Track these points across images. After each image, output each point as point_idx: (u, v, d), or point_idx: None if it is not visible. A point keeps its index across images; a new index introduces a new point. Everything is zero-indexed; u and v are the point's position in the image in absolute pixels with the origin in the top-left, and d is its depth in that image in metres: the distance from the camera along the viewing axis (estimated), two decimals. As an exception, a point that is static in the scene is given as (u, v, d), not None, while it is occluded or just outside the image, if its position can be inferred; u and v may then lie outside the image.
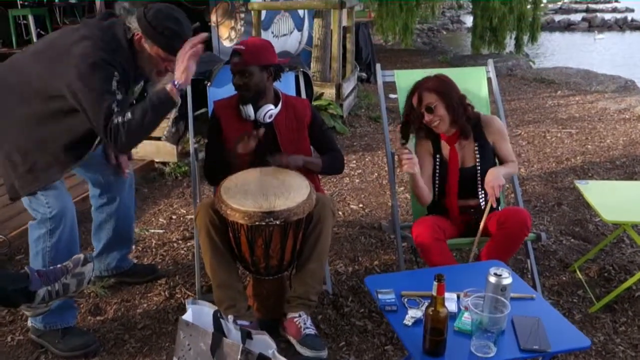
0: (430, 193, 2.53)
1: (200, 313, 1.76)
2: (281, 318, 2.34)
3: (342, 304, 2.64)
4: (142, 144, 4.39)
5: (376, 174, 4.48)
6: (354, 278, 2.88)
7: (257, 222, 2.10)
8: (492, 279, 1.73)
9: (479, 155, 2.52)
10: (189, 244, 3.23)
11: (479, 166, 2.51)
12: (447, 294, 1.69)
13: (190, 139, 2.78)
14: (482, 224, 2.40)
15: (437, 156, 2.55)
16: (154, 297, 2.70)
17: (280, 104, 2.46)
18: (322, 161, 2.51)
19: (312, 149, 2.59)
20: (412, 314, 1.79)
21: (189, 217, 3.59)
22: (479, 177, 2.51)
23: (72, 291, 1.85)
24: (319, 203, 2.28)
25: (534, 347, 1.65)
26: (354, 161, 4.80)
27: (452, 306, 1.81)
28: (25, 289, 1.78)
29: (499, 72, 8.73)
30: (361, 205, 3.85)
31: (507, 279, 1.73)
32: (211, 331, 1.62)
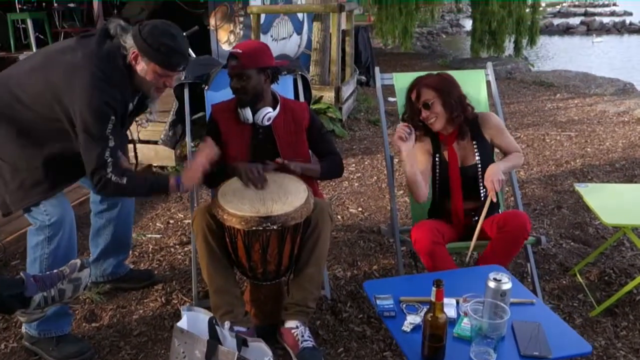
0: (427, 189, 2.49)
1: (195, 320, 1.73)
2: (279, 324, 2.32)
3: (341, 309, 2.61)
4: (140, 147, 4.39)
5: (375, 178, 4.46)
6: (353, 283, 2.85)
7: (254, 227, 2.08)
8: (491, 284, 1.71)
9: (478, 153, 2.49)
10: (186, 249, 3.20)
11: (479, 164, 2.49)
12: (446, 300, 1.67)
13: (188, 142, 2.76)
14: (479, 224, 2.37)
15: (437, 155, 2.53)
16: (150, 303, 2.67)
17: (278, 107, 2.44)
18: (320, 167, 2.48)
19: (310, 152, 2.57)
20: (410, 320, 1.77)
21: (186, 221, 3.57)
22: (480, 175, 2.49)
23: (68, 297, 1.82)
24: (316, 207, 2.26)
25: (535, 353, 1.63)
26: (353, 165, 4.78)
27: (451, 312, 1.79)
28: (21, 294, 1.75)
29: (498, 76, 8.73)
30: (360, 209, 3.83)
31: (507, 284, 1.71)
32: (206, 338, 1.59)
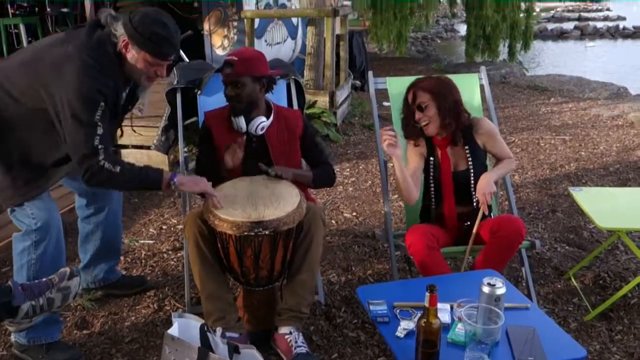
0: (417, 191, 2.48)
1: (187, 327, 1.71)
2: (272, 330, 2.29)
3: (335, 314, 2.59)
4: (132, 152, 4.36)
5: (370, 182, 4.45)
6: (347, 288, 2.83)
7: (245, 233, 2.06)
8: (485, 289, 1.70)
9: (470, 158, 2.49)
10: (179, 255, 3.18)
11: (471, 169, 2.48)
12: (440, 305, 1.66)
13: (180, 148, 2.75)
14: (474, 231, 2.37)
15: (431, 158, 2.52)
16: (143, 310, 2.65)
17: (272, 116, 2.42)
18: (312, 174, 2.47)
19: (303, 161, 2.55)
20: (404, 326, 1.76)
21: (180, 227, 3.55)
22: (472, 180, 2.48)
23: (57, 306, 1.80)
24: (309, 212, 2.24)
25: (529, 358, 1.61)
26: (348, 169, 4.77)
27: (445, 317, 1.78)
28: (8, 303, 1.72)
29: (493, 80, 8.75)
30: (354, 214, 3.82)
31: (501, 288, 1.69)
32: (197, 346, 1.57)
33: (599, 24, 23.80)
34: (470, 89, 2.91)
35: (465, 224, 2.49)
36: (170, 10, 7.33)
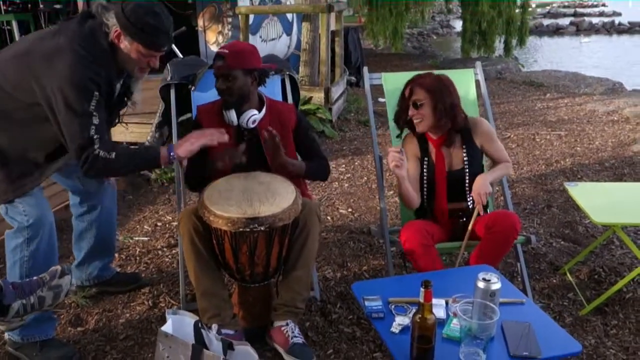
0: (418, 197, 2.48)
1: (181, 324, 1.70)
2: (268, 326, 2.29)
3: (331, 310, 2.59)
4: (126, 149, 4.32)
5: (365, 178, 4.44)
6: (343, 284, 2.83)
7: (241, 229, 2.05)
8: (480, 284, 1.70)
9: (466, 158, 2.48)
10: (174, 252, 3.16)
11: (467, 169, 2.48)
12: (435, 300, 1.65)
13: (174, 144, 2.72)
14: (469, 229, 2.37)
15: (425, 159, 2.51)
16: (137, 307, 2.64)
17: (264, 109, 2.41)
18: (306, 165, 2.45)
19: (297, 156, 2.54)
20: (399, 321, 1.75)
21: (174, 224, 3.53)
22: (467, 180, 2.48)
23: (48, 304, 1.78)
24: (305, 208, 2.23)
25: (524, 353, 1.61)
26: (343, 165, 4.76)
27: (440, 312, 1.77)
28: None
29: (489, 76, 8.75)
30: (350, 210, 3.81)
31: (496, 284, 1.69)
32: (191, 343, 1.56)
33: (595, 20, 23.83)
34: (465, 85, 2.90)
35: (461, 220, 2.49)
36: (164, 6, 7.30)
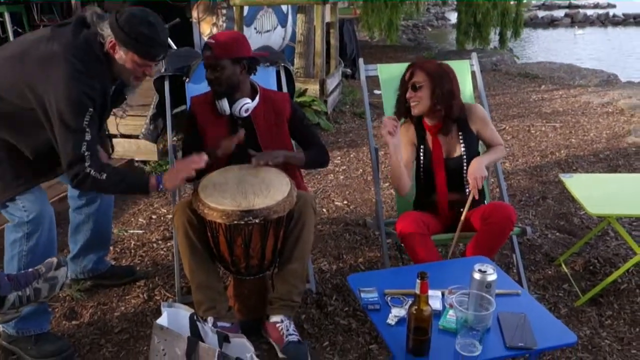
0: (410, 180, 2.47)
1: (176, 316, 1.69)
2: (263, 319, 2.28)
3: (326, 302, 2.58)
4: (121, 142, 4.31)
5: (361, 170, 4.43)
6: (338, 276, 2.83)
7: (235, 221, 2.04)
8: (476, 275, 1.69)
9: (463, 145, 2.47)
10: (169, 244, 3.15)
11: (464, 156, 2.47)
12: (431, 292, 1.65)
13: (169, 136, 2.71)
14: (462, 217, 2.36)
15: (422, 147, 2.50)
16: (132, 300, 2.63)
17: (257, 98, 2.39)
18: (305, 155, 2.44)
19: (294, 143, 2.53)
20: (395, 313, 1.75)
21: (169, 217, 3.52)
22: (465, 167, 2.47)
23: (43, 296, 1.77)
24: (300, 200, 2.22)
25: (520, 344, 1.61)
26: (339, 157, 4.75)
27: (436, 304, 1.77)
28: None
29: (484, 67, 8.73)
30: (346, 202, 3.80)
31: (492, 275, 1.69)
32: (186, 335, 1.56)
33: (589, 12, 23.80)
34: (461, 76, 2.87)
35: (460, 210, 2.48)
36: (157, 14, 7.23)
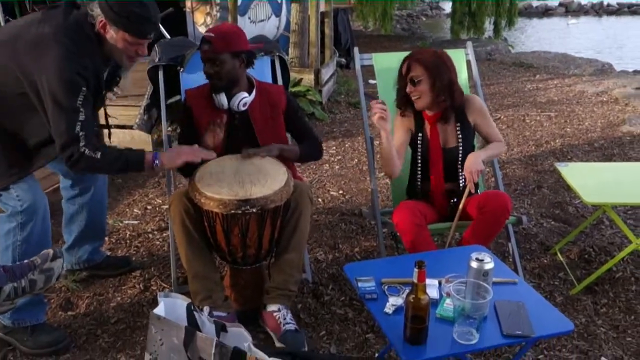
0: (400, 165, 2.46)
1: (173, 306, 1.69)
2: (260, 308, 2.28)
3: (322, 292, 2.59)
4: (115, 132, 4.28)
5: (356, 160, 4.43)
6: (334, 266, 2.83)
7: (232, 211, 2.03)
8: (474, 264, 1.70)
9: (460, 135, 2.47)
10: (164, 235, 3.14)
11: (460, 147, 2.47)
12: (429, 281, 1.65)
13: (163, 126, 2.69)
14: (459, 208, 2.36)
15: (419, 135, 2.49)
16: (128, 290, 2.62)
17: (254, 91, 2.37)
18: (299, 148, 2.44)
19: (289, 137, 2.52)
20: (392, 302, 1.75)
21: (164, 207, 3.50)
22: (460, 158, 2.47)
23: (39, 288, 1.76)
24: (296, 190, 2.22)
25: (517, 332, 1.62)
26: (334, 147, 4.74)
27: (433, 293, 1.77)
28: None
29: (478, 57, 8.71)
30: (341, 192, 3.80)
31: (489, 263, 1.69)
32: (184, 325, 1.55)
33: (584, 1, 23.75)
34: (457, 65, 2.84)
35: (452, 201, 2.49)
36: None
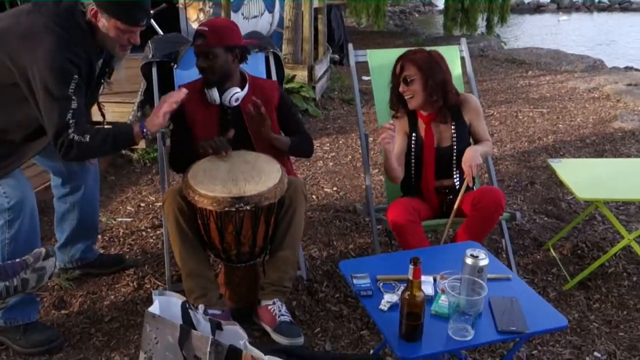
0: (402, 171, 2.47)
1: (168, 304, 1.68)
2: (255, 305, 2.28)
3: (317, 289, 2.59)
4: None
5: (350, 157, 4.43)
6: (329, 262, 2.83)
7: (226, 208, 2.03)
8: (468, 260, 1.70)
9: (455, 135, 2.47)
10: (158, 232, 3.13)
11: (455, 146, 2.47)
12: (424, 277, 1.65)
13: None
14: (456, 204, 2.37)
15: (413, 134, 2.49)
16: (122, 288, 2.60)
17: (246, 87, 2.36)
18: (290, 140, 2.42)
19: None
20: (388, 299, 1.75)
21: (158, 204, 3.49)
22: (454, 157, 2.47)
23: (31, 287, 1.74)
24: (290, 187, 2.21)
25: (512, 328, 1.62)
26: (328, 144, 4.73)
27: (428, 289, 1.77)
28: None
29: (471, 53, 8.64)
30: (335, 189, 3.80)
31: (484, 260, 1.70)
32: (179, 323, 1.55)
33: (575, -3, 23.82)
34: (451, 62, 2.84)
35: (448, 198, 2.49)
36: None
